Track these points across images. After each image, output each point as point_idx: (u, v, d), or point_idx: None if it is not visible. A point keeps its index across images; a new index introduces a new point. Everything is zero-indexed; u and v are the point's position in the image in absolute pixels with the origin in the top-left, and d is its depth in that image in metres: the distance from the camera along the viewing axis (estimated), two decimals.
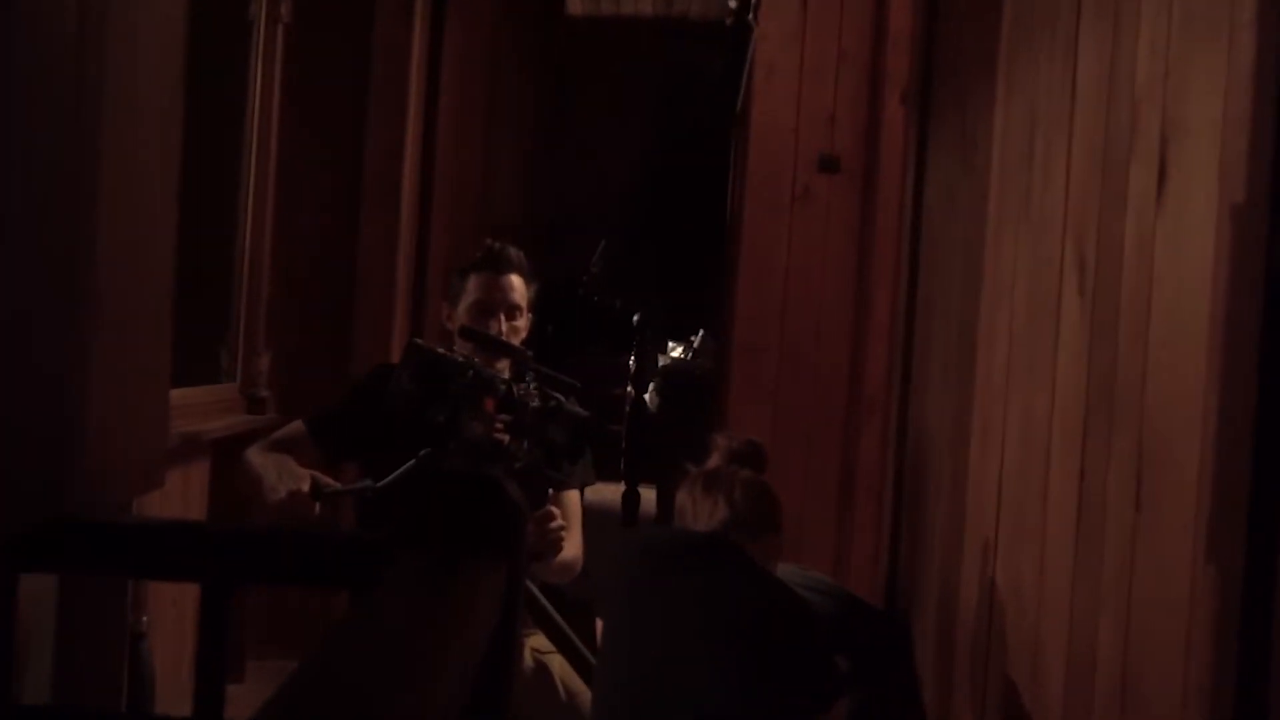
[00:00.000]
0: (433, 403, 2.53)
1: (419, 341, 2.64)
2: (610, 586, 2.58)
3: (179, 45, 1.84)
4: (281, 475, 2.62)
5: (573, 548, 2.95)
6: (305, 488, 2.57)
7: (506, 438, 2.57)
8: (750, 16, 3.89)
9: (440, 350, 2.62)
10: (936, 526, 3.15)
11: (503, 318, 2.99)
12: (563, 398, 2.61)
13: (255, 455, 2.80)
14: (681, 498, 2.71)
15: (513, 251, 3.06)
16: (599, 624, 2.66)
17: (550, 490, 2.81)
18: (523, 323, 3.04)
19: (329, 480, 2.64)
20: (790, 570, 3.35)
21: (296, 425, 2.96)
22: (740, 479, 2.68)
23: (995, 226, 2.65)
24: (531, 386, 2.61)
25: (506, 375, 2.68)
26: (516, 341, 2.96)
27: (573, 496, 3.06)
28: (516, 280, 3.03)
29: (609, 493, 3.84)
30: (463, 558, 1.17)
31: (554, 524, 2.73)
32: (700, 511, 2.63)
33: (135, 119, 1.64)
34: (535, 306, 3.11)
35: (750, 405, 4.32)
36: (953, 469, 2.97)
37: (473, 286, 3.02)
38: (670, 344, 8.72)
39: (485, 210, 5.75)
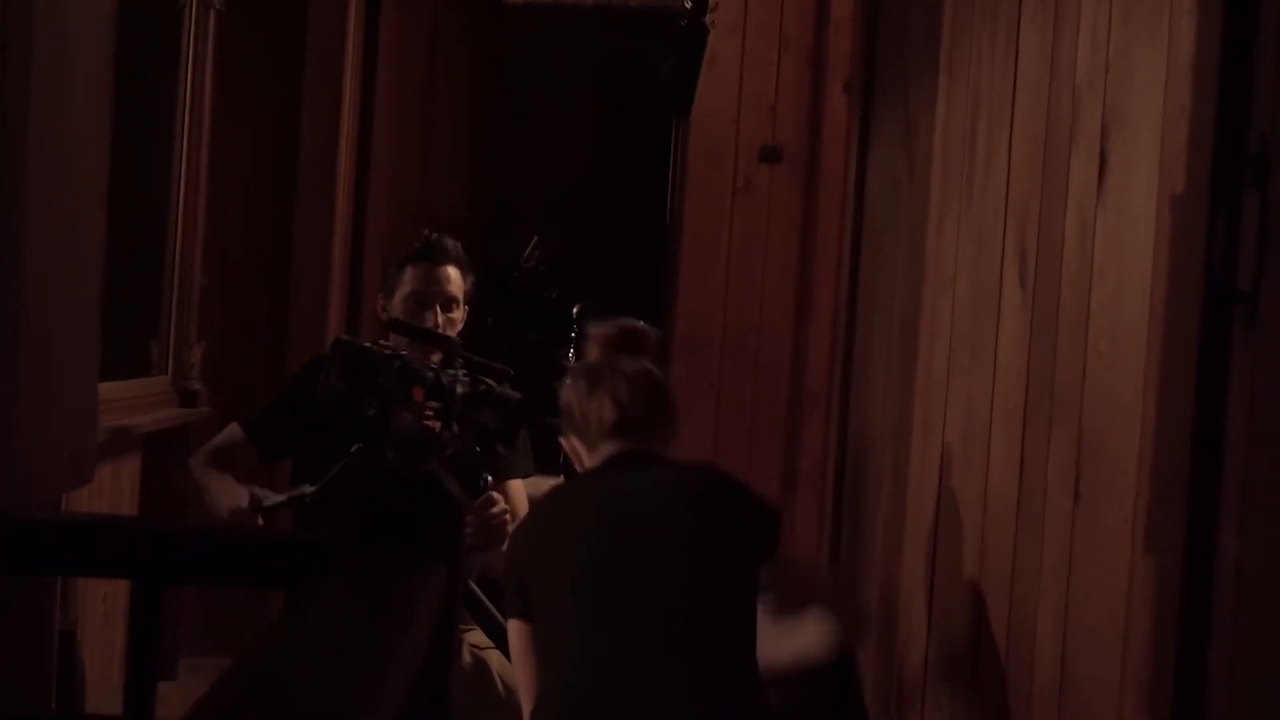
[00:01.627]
0: (363, 397, 2.52)
1: (345, 338, 2.62)
2: (539, 561, 2.44)
3: (107, 33, 1.80)
4: (221, 494, 2.64)
5: None
6: (244, 504, 2.58)
7: (437, 425, 2.55)
8: (707, 18, 3.87)
9: (367, 345, 2.60)
10: (878, 519, 3.16)
11: (438, 309, 2.96)
12: (494, 383, 2.59)
13: (197, 470, 2.80)
14: (565, 398, 2.51)
15: (449, 243, 3.03)
16: (512, 627, 2.51)
17: (490, 478, 2.78)
18: (459, 314, 3.01)
19: (268, 492, 2.63)
20: None
21: (233, 429, 2.92)
22: (624, 373, 2.47)
23: (937, 216, 2.65)
24: (461, 373, 2.59)
25: (433, 364, 2.66)
26: (453, 333, 2.93)
27: (517, 486, 3.02)
28: (453, 272, 3.00)
29: (546, 486, 3.82)
30: (401, 557, 1.15)
31: (495, 509, 2.71)
32: (588, 414, 2.45)
33: (63, 109, 1.60)
34: (473, 298, 3.09)
35: (692, 399, 4.31)
36: (894, 462, 2.97)
37: (408, 278, 2.99)
38: None
39: (423, 200, 5.70)
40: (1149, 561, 1.36)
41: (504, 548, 2.76)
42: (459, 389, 2.54)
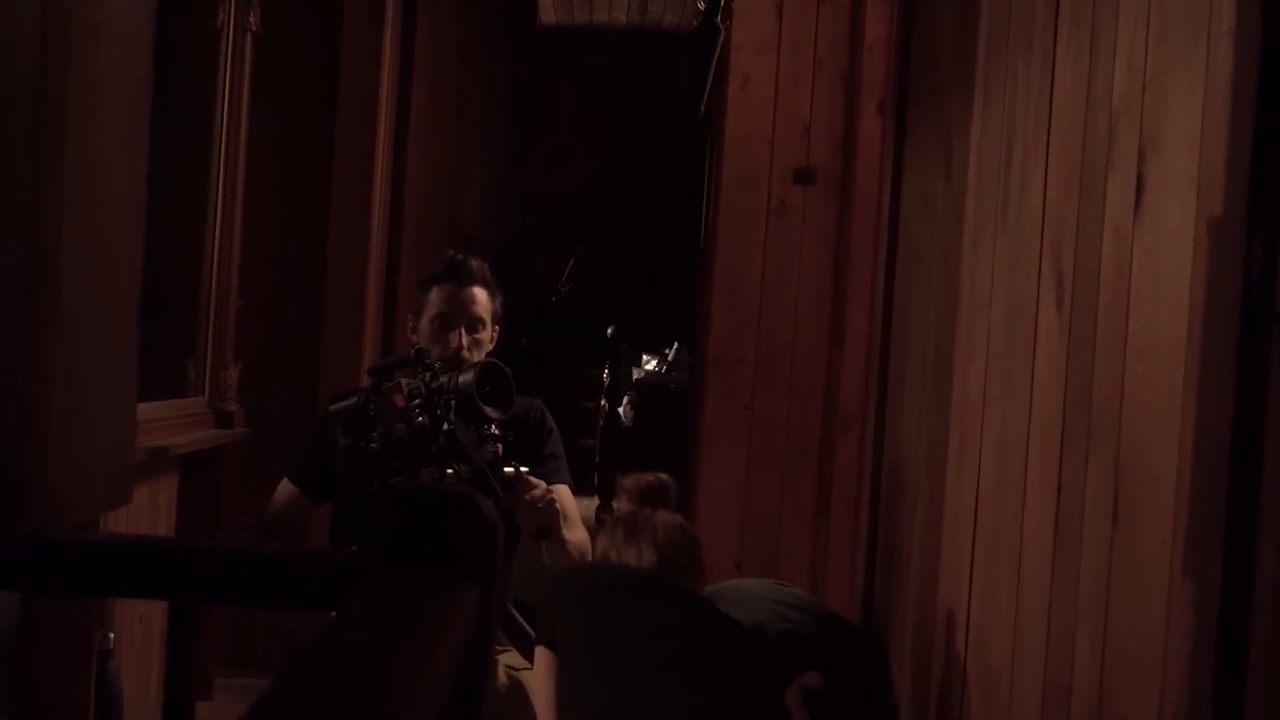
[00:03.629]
0: (365, 437, 2.62)
1: (330, 408, 2.74)
2: (564, 620, 2.57)
3: (146, 54, 1.81)
4: None
5: (580, 530, 2.94)
6: None
7: (425, 419, 2.61)
8: (718, 19, 3.86)
9: (348, 400, 2.71)
10: (914, 542, 3.14)
11: (463, 330, 2.97)
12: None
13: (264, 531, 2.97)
14: (603, 546, 2.75)
15: (474, 263, 3.03)
16: (539, 651, 2.64)
17: (521, 467, 2.79)
18: (486, 335, 3.01)
19: None
20: (770, 586, 3.33)
21: (285, 485, 2.98)
22: (661, 523, 2.70)
23: (973, 238, 2.64)
24: (435, 365, 2.69)
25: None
26: (480, 354, 2.95)
27: (565, 490, 3.02)
28: (479, 292, 3.00)
29: (582, 507, 3.83)
30: (435, 577, 1.15)
31: (536, 491, 2.73)
32: (626, 558, 2.67)
33: (101, 129, 1.61)
34: (501, 318, 3.10)
35: (726, 420, 4.31)
36: (929, 484, 2.96)
37: (433, 299, 3.00)
38: (645, 356, 8.71)
39: (456, 220, 5.73)
40: (1187, 584, 1.35)
41: (570, 541, 2.81)
42: (428, 375, 2.62)
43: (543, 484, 2.76)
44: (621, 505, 2.83)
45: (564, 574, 2.76)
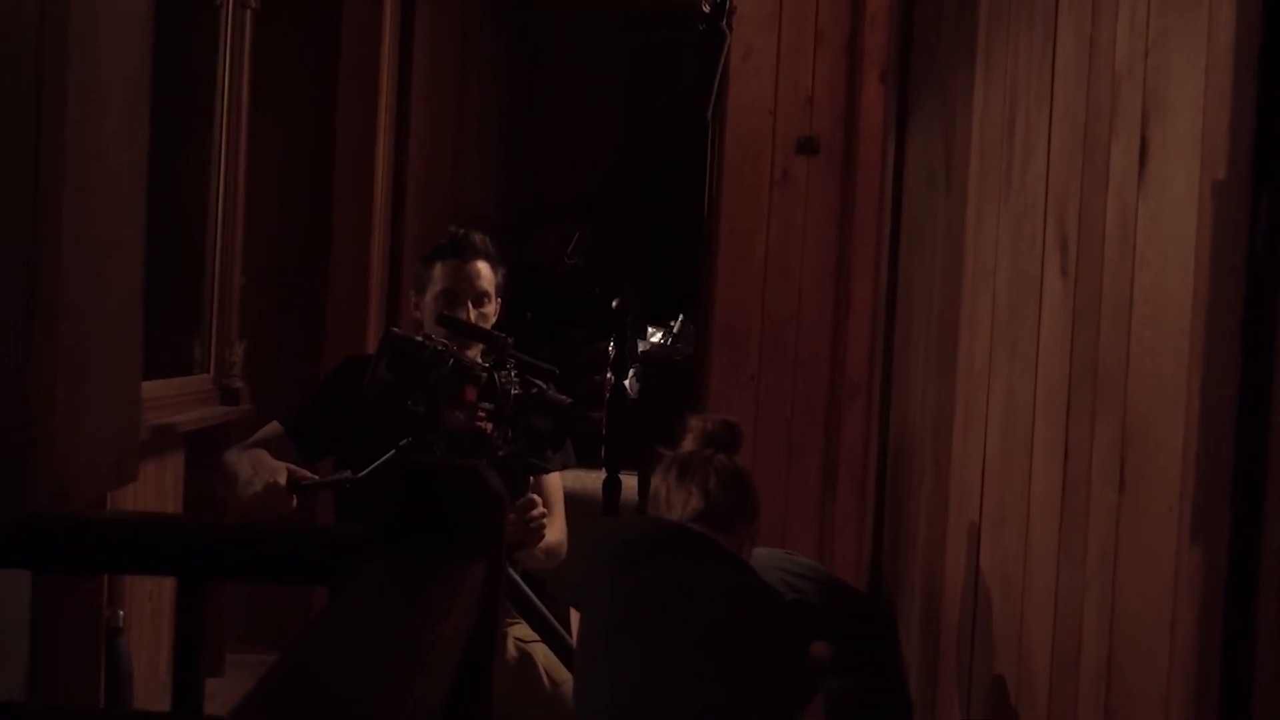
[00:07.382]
0: (411, 393, 2.52)
1: (396, 330, 2.63)
2: (588, 579, 2.56)
3: (146, 32, 1.81)
4: (257, 469, 2.60)
5: (556, 532, 2.94)
6: (281, 480, 2.55)
7: (489, 426, 2.56)
8: (724, 23, 3.83)
9: (419, 339, 2.61)
10: (920, 512, 3.15)
11: (470, 305, 2.97)
12: (544, 385, 2.59)
13: (231, 455, 2.80)
14: (656, 484, 2.67)
15: (477, 237, 3.03)
16: (574, 613, 2.64)
17: (532, 478, 2.79)
18: (491, 309, 3.02)
19: (306, 473, 2.62)
20: (778, 556, 3.33)
21: (273, 426, 2.94)
22: (716, 467, 2.63)
23: (976, 207, 2.64)
24: (512, 374, 2.59)
25: (484, 363, 2.66)
26: (487, 327, 2.94)
27: (554, 480, 3.04)
28: (483, 266, 3.01)
29: (590, 480, 3.83)
30: (442, 551, 1.15)
31: (535, 511, 2.72)
32: (675, 500, 2.59)
33: (101, 107, 1.61)
34: (504, 291, 3.09)
35: (731, 392, 4.31)
36: (935, 454, 2.96)
37: (439, 275, 3.00)
38: (650, 329, 8.70)
39: (459, 197, 5.71)
40: (1195, 550, 1.35)
41: (539, 545, 2.79)
42: (512, 391, 2.55)
43: (542, 506, 2.75)
44: (685, 444, 2.77)
45: (594, 531, 2.74)
